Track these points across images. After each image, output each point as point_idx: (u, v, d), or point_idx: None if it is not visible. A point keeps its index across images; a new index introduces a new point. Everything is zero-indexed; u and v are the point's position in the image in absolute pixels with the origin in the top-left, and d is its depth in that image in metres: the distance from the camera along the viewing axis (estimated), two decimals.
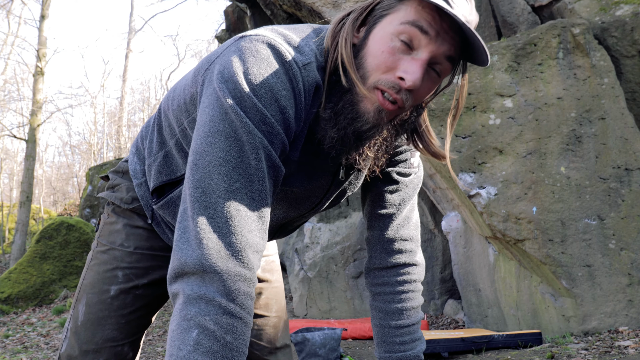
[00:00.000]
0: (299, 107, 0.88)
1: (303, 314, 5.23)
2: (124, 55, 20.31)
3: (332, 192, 1.08)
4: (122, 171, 1.19)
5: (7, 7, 12.53)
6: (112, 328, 1.11)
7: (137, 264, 1.13)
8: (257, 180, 0.84)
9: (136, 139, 1.19)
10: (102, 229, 1.19)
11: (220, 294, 0.78)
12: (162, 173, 1.05)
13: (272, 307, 1.31)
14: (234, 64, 0.85)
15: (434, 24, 0.85)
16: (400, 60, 0.86)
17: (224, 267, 0.79)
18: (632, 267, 3.21)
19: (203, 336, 0.76)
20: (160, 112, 1.09)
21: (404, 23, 0.85)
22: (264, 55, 0.86)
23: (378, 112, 0.89)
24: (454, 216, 4.08)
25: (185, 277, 0.79)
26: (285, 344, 1.33)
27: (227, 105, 0.83)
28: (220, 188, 0.81)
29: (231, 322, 0.78)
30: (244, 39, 0.88)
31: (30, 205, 10.38)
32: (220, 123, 0.83)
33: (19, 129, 13.84)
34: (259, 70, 0.84)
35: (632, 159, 3.32)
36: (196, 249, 0.79)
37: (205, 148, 0.83)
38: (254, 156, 0.83)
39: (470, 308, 4.01)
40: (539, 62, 3.47)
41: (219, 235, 0.80)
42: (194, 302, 0.77)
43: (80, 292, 1.14)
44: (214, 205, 0.81)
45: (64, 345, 1.13)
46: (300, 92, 0.88)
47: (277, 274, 1.35)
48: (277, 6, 5.22)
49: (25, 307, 6.97)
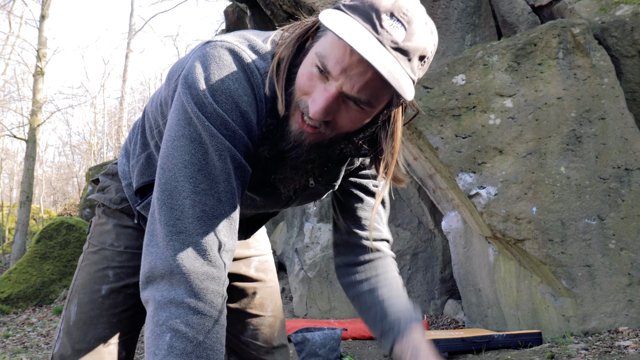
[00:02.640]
0: (260, 112, 0.89)
1: (303, 314, 5.23)
2: (124, 55, 20.32)
3: (299, 195, 1.08)
4: (112, 173, 1.21)
5: (8, 7, 12.53)
6: (104, 327, 1.12)
7: (127, 263, 1.15)
8: (223, 181, 0.85)
9: (126, 141, 1.21)
10: (92, 230, 1.21)
11: (189, 295, 0.79)
12: (144, 174, 1.07)
13: (268, 306, 1.32)
14: (196, 70, 0.86)
15: (343, 59, 0.81)
16: (314, 87, 0.85)
17: (190, 267, 0.80)
18: (632, 267, 3.20)
19: (176, 339, 0.77)
20: (144, 114, 1.11)
21: (317, 55, 0.84)
22: (226, 62, 0.87)
23: (299, 133, 0.89)
24: (454, 216, 4.08)
25: (155, 283, 0.81)
26: (282, 344, 1.34)
27: (190, 110, 0.84)
28: (186, 190, 0.83)
29: (201, 321, 0.79)
30: (208, 44, 0.90)
31: (30, 205, 10.37)
32: (185, 127, 0.84)
33: (19, 129, 13.84)
34: (220, 76, 0.86)
35: (632, 159, 3.32)
36: (164, 251, 0.81)
37: (171, 152, 0.84)
38: (217, 158, 0.84)
39: (470, 308, 4.01)
40: (539, 62, 3.47)
41: (186, 236, 0.81)
42: (164, 307, 0.79)
43: (72, 292, 1.15)
44: (181, 207, 0.82)
45: (57, 346, 1.13)
46: (262, 98, 0.89)
47: (271, 274, 1.36)
48: (277, 6, 5.22)
49: (25, 307, 6.97)
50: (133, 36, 20.54)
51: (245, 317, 1.30)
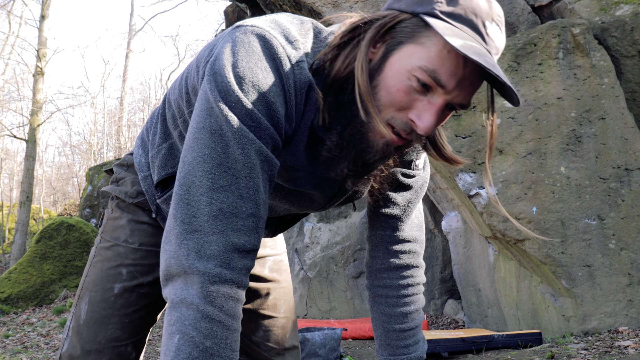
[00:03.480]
0: (289, 104, 0.85)
1: (303, 314, 5.23)
2: (124, 55, 20.33)
3: (338, 198, 1.06)
4: (127, 164, 1.15)
5: (8, 7, 12.54)
6: (115, 327, 1.08)
7: (141, 261, 1.10)
8: (245, 177, 0.80)
9: (142, 131, 1.15)
10: (105, 224, 1.15)
11: (199, 297, 0.76)
12: (167, 165, 1.02)
13: (281, 307, 1.29)
14: (224, 55, 0.82)
15: (456, 72, 0.79)
16: (415, 101, 0.81)
17: (202, 268, 0.77)
18: (632, 267, 3.21)
19: (183, 342, 0.75)
20: (165, 102, 1.05)
21: (423, 69, 0.79)
22: (256, 49, 0.82)
23: (386, 145, 0.86)
24: (454, 216, 4.08)
25: (172, 281, 0.79)
26: (293, 345, 1.31)
27: (212, 99, 0.80)
28: (203, 186, 0.79)
29: (209, 326, 0.76)
30: (238, 29, 0.85)
31: (30, 205, 10.38)
32: (207, 118, 0.80)
33: (19, 129, 13.84)
34: (249, 63, 0.81)
35: (632, 159, 3.32)
36: (177, 250, 0.78)
37: (192, 144, 0.81)
38: (240, 151, 0.80)
39: (470, 308, 4.01)
40: (539, 62, 3.47)
41: (201, 235, 0.78)
42: (176, 306, 0.77)
43: (83, 289, 1.11)
44: (197, 204, 0.78)
45: (66, 345, 1.10)
46: (291, 89, 0.84)
47: (285, 274, 1.32)
48: (277, 6, 5.22)
49: (25, 307, 6.97)
50: (133, 36, 20.55)
51: (257, 317, 1.26)
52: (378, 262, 1.16)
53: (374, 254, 1.17)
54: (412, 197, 1.13)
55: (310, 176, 0.97)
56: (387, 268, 1.16)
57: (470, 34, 0.79)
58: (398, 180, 1.10)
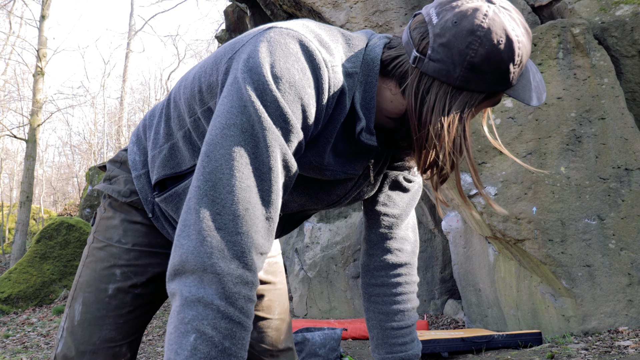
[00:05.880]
0: (320, 107, 0.85)
1: (303, 314, 5.23)
2: (124, 55, 20.33)
3: (352, 193, 1.08)
4: (121, 161, 1.13)
5: (8, 7, 12.54)
6: (110, 328, 1.07)
7: (135, 262, 1.09)
8: (268, 180, 0.80)
9: (137, 128, 1.13)
10: (98, 224, 1.13)
11: (220, 297, 0.75)
12: (167, 166, 1.01)
13: (275, 309, 1.28)
14: (260, 53, 0.81)
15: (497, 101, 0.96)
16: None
17: (225, 268, 0.75)
18: (632, 267, 3.21)
19: (200, 341, 0.73)
20: (170, 101, 1.04)
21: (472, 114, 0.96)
22: (293, 50, 0.82)
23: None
24: (454, 216, 4.08)
25: (184, 276, 0.76)
26: (288, 347, 1.30)
27: (247, 97, 0.79)
28: (230, 184, 0.78)
29: (230, 326, 0.75)
30: (273, 29, 0.85)
31: (30, 205, 10.37)
32: (238, 116, 0.79)
33: (19, 129, 13.83)
34: (286, 64, 0.80)
35: (632, 159, 3.32)
36: (198, 246, 0.76)
37: (220, 140, 0.79)
38: (267, 154, 0.79)
39: (470, 308, 4.01)
40: (539, 62, 3.47)
41: (225, 234, 0.76)
42: (191, 304, 0.74)
43: (77, 290, 1.10)
44: (222, 202, 0.77)
45: (60, 345, 1.09)
46: (325, 93, 0.84)
47: (280, 276, 1.32)
48: (277, 6, 5.22)
49: (25, 307, 6.97)
50: (133, 36, 20.55)
51: None
52: (375, 260, 1.20)
53: (371, 252, 1.20)
54: (410, 200, 1.20)
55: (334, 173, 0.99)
56: (384, 266, 1.19)
57: (530, 82, 0.93)
58: (400, 183, 1.16)
